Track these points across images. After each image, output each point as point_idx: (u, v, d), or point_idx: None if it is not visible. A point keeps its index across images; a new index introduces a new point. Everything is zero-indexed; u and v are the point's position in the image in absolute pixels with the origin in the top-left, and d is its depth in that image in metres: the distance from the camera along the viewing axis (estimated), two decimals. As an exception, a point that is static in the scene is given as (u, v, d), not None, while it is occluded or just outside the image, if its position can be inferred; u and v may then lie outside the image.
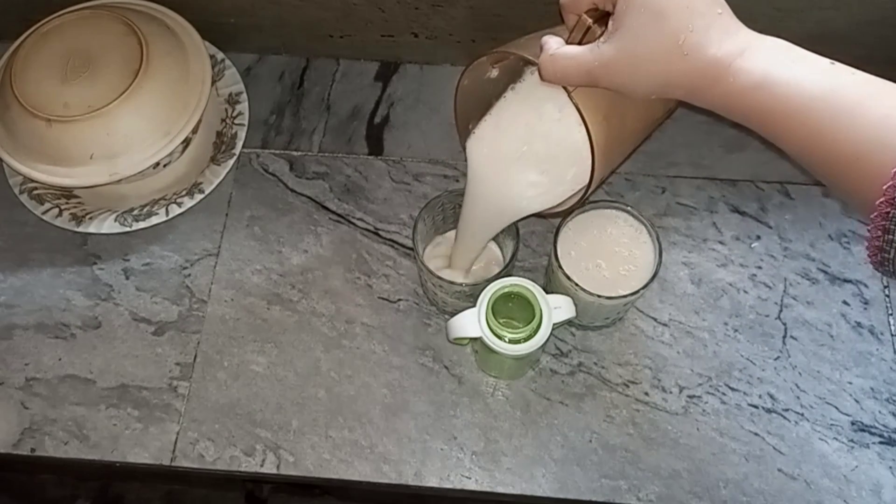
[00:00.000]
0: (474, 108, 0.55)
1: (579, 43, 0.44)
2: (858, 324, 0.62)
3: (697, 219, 0.66)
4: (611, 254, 0.56)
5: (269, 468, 0.59)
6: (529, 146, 0.51)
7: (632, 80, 0.42)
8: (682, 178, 0.68)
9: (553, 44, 0.44)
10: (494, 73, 0.54)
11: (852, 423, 0.58)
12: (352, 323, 0.64)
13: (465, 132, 0.56)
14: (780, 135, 0.39)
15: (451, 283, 0.55)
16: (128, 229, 0.65)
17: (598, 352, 0.62)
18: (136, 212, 0.66)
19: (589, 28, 0.44)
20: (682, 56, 0.39)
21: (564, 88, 0.44)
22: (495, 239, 0.60)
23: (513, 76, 0.54)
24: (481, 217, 0.55)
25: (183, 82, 0.64)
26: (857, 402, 0.59)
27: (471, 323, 0.52)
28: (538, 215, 0.54)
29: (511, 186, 0.52)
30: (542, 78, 0.44)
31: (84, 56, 0.62)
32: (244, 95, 0.71)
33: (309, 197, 0.69)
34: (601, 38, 0.42)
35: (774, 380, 0.60)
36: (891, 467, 0.57)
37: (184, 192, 0.67)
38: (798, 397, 0.59)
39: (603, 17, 0.44)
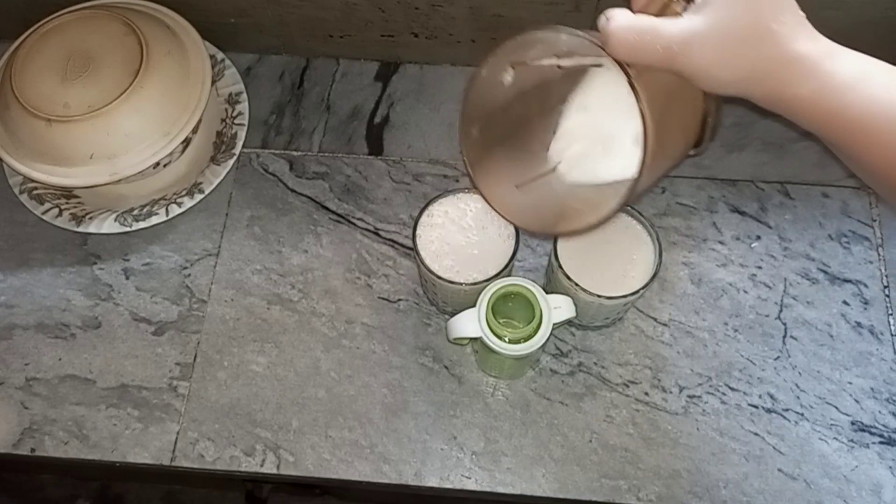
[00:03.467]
0: (477, 112, 0.52)
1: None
2: (858, 324, 0.62)
3: (697, 219, 0.66)
4: (611, 254, 0.56)
5: (269, 468, 0.59)
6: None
7: (716, 63, 0.37)
8: (682, 178, 0.68)
9: (622, 14, 0.37)
10: (508, 77, 0.50)
11: (852, 423, 0.58)
12: (352, 323, 0.64)
13: (465, 135, 0.52)
14: (869, 142, 0.36)
15: (451, 282, 0.55)
16: (128, 229, 0.65)
17: (598, 352, 0.62)
18: (136, 212, 0.66)
19: (667, 4, 0.38)
20: (775, 43, 0.36)
21: (626, 73, 0.38)
22: None
23: (523, 87, 0.48)
24: None
25: (183, 82, 0.64)
26: (857, 402, 0.59)
27: (471, 323, 0.52)
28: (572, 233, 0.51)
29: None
30: (608, 52, 0.38)
31: (84, 56, 0.62)
32: (244, 95, 0.71)
33: (309, 197, 0.69)
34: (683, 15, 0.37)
35: (774, 380, 0.60)
36: (891, 467, 0.57)
37: (184, 192, 0.67)
38: (798, 397, 0.59)
39: None
